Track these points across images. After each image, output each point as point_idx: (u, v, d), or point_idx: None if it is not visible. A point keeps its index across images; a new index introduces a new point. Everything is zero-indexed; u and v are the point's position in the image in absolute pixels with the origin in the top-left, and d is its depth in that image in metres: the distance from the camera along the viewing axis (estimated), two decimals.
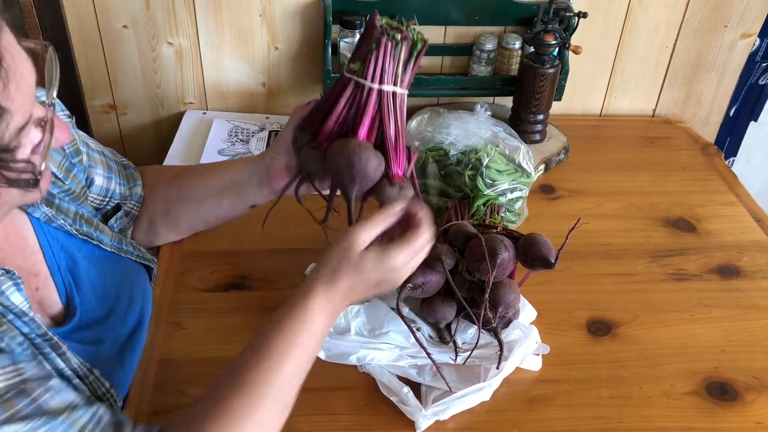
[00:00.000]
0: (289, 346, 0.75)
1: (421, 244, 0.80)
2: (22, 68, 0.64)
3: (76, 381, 0.79)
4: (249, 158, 1.01)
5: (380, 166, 0.84)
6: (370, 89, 0.85)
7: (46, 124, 0.68)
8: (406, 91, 0.88)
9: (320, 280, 0.78)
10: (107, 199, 1.00)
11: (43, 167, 0.68)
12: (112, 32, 1.40)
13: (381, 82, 0.85)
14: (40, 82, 0.69)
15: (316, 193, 0.96)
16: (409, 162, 0.89)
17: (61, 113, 0.93)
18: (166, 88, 1.49)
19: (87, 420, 0.68)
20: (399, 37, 0.84)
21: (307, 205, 0.93)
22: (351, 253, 0.77)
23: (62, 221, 0.86)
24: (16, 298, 0.73)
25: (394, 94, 0.86)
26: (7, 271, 0.73)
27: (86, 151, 0.96)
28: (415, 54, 0.86)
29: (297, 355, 0.75)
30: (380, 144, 0.86)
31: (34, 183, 0.68)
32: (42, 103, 0.69)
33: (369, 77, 0.85)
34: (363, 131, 0.85)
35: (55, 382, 0.69)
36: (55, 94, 0.70)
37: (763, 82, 1.60)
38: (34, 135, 0.67)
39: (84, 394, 0.72)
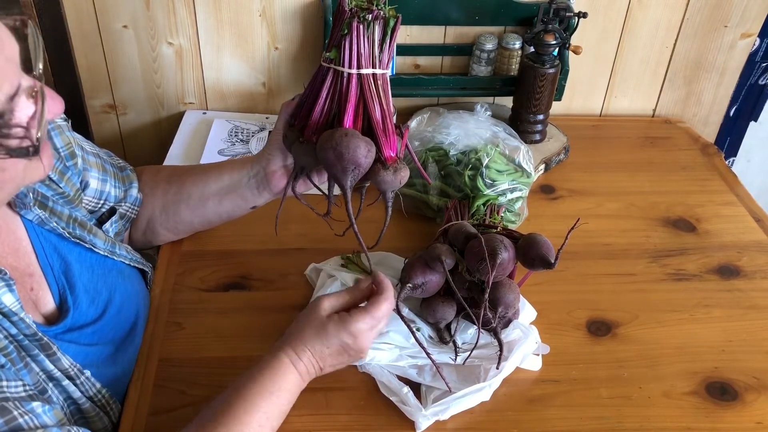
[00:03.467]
0: (262, 396, 0.79)
1: (382, 312, 0.84)
2: (6, 39, 0.64)
3: (66, 382, 0.79)
4: (246, 159, 1.00)
5: (370, 151, 0.83)
6: (350, 75, 0.84)
7: (37, 94, 0.67)
8: (387, 71, 0.86)
9: (288, 342, 0.83)
10: (102, 202, 0.99)
11: (39, 135, 0.67)
12: (112, 32, 1.40)
13: (359, 66, 0.84)
14: (25, 57, 0.69)
15: (315, 189, 0.96)
16: (401, 138, 0.88)
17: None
18: (166, 88, 1.49)
19: None
20: (370, 17, 0.82)
21: (308, 201, 0.93)
22: (315, 318, 0.83)
23: (55, 224, 0.86)
24: (7, 299, 0.73)
25: (374, 75, 0.85)
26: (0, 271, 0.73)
27: (81, 154, 0.96)
28: (389, 31, 0.85)
29: (267, 407, 0.79)
30: (368, 128, 0.85)
31: (35, 151, 0.67)
32: (30, 74, 0.68)
33: (346, 64, 0.84)
34: (348, 119, 0.84)
35: (36, 405, 0.70)
36: (41, 67, 0.69)
37: (763, 82, 1.60)
38: (27, 106, 0.67)
39: (59, 419, 0.72)
